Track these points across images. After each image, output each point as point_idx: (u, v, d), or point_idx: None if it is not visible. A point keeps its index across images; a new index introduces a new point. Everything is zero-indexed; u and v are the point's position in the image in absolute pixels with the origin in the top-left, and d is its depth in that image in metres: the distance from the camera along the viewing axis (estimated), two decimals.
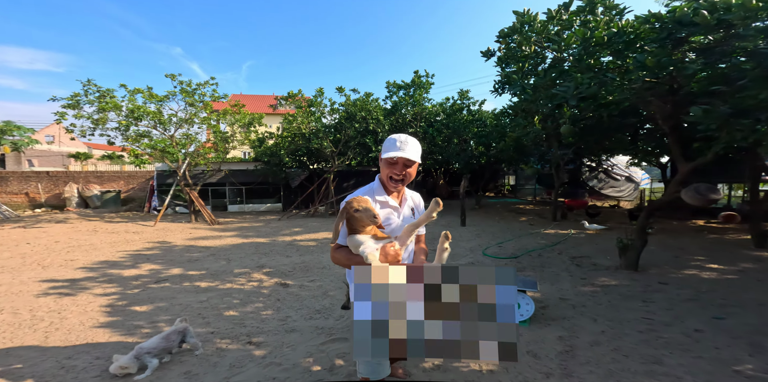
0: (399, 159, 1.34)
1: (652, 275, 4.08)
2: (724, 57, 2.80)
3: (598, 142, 6.62)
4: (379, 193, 1.42)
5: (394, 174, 1.37)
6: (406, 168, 1.36)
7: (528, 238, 6.80)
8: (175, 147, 9.41)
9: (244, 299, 3.70)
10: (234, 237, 7.63)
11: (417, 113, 11.99)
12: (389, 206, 1.42)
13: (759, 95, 2.06)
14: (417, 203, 1.59)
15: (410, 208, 1.52)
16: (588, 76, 3.13)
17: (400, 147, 1.33)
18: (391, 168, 1.37)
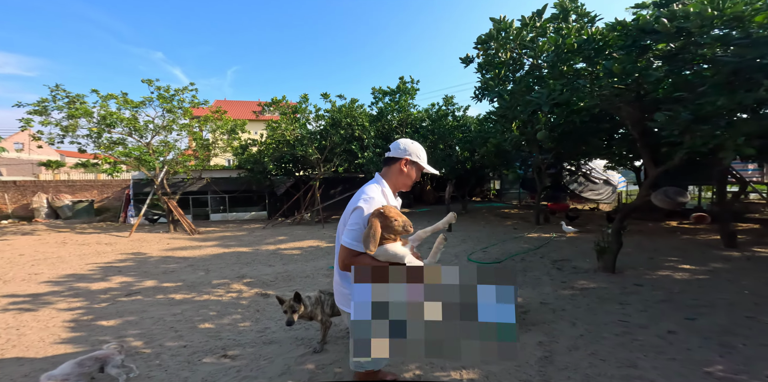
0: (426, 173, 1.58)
1: (628, 276, 4.18)
2: (687, 64, 2.95)
3: (575, 147, 6.84)
4: (390, 196, 1.47)
5: (412, 181, 1.52)
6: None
7: (512, 242, 6.88)
8: (152, 155, 9.10)
9: (222, 310, 3.55)
10: (215, 247, 7.39)
11: (403, 119, 12.10)
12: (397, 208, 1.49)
13: (717, 102, 2.17)
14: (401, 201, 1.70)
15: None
16: (561, 83, 3.23)
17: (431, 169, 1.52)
18: (415, 177, 1.52)
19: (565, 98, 3.25)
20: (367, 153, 11.02)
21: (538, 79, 3.49)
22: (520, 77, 3.32)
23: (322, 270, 5.18)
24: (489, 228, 9.01)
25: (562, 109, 3.25)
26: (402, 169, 1.48)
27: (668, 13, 2.38)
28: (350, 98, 11.57)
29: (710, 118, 2.24)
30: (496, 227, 9.17)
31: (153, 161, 8.82)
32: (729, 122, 2.19)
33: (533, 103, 3.06)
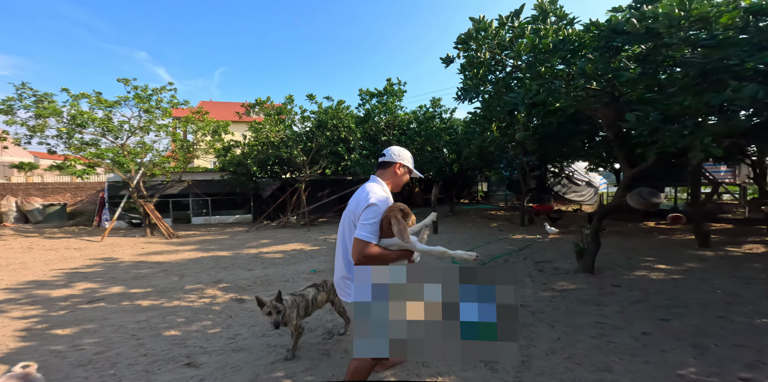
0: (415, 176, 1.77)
1: (606, 277, 4.21)
2: (658, 66, 2.99)
3: (556, 149, 6.93)
4: (390, 195, 1.64)
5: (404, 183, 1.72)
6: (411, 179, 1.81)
7: (497, 244, 6.88)
8: (127, 156, 8.74)
9: (191, 317, 3.38)
10: (193, 251, 7.12)
11: (390, 121, 12.07)
12: None
13: (684, 102, 2.20)
14: None
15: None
16: (537, 83, 3.23)
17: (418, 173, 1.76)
18: (406, 178, 1.72)
19: (541, 99, 3.25)
20: (354, 155, 10.92)
21: (518, 80, 3.49)
22: (499, 78, 3.31)
23: (303, 274, 5.04)
24: (475, 230, 9.02)
25: (539, 109, 3.25)
26: (396, 172, 1.68)
27: (638, 15, 2.40)
28: (337, 100, 11.46)
29: (678, 118, 2.27)
30: (482, 229, 9.20)
31: (127, 163, 8.47)
32: (696, 123, 2.22)
33: (510, 103, 3.05)
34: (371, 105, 11.99)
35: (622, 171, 3.76)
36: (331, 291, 2.91)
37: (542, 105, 3.24)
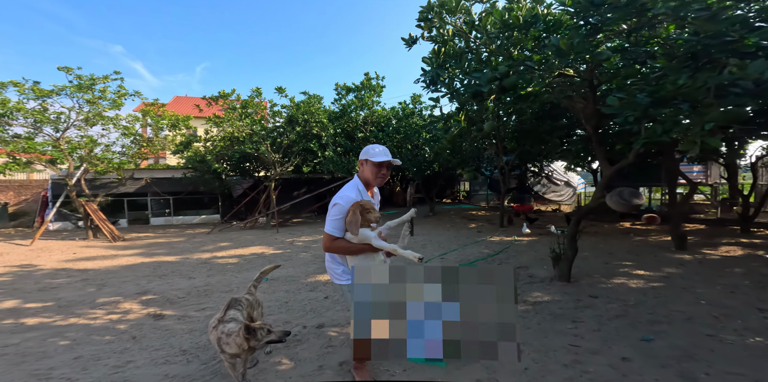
0: (386, 163, 1.71)
1: (583, 286, 3.83)
2: (639, 52, 2.59)
3: (534, 147, 6.61)
4: (364, 193, 1.76)
5: (382, 175, 1.75)
6: (388, 170, 1.76)
7: (473, 247, 6.48)
8: (64, 151, 7.76)
9: (81, 339, 2.76)
10: (134, 256, 6.34)
11: (367, 117, 11.52)
12: None
13: (678, 81, 1.80)
14: (378, 195, 1.94)
15: (378, 202, 1.88)
16: (507, 64, 2.77)
17: (386, 154, 1.71)
18: (379, 169, 1.73)
19: (511, 82, 2.80)
20: (327, 152, 10.31)
21: (485, 62, 3.04)
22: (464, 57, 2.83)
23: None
24: (453, 231, 8.62)
25: (509, 95, 2.80)
26: (361, 168, 1.79)
27: None
28: (312, 94, 10.80)
29: (670, 100, 1.87)
30: (460, 230, 8.81)
31: (61, 158, 7.50)
32: (693, 106, 1.82)
33: (474, 84, 2.59)
34: (347, 100, 11.39)
35: (602, 169, 3.39)
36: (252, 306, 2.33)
37: (512, 89, 2.79)
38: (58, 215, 11.07)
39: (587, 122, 3.42)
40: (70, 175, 7.95)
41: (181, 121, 9.67)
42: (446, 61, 2.88)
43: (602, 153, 3.41)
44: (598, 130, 3.41)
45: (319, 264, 5.29)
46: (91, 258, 6.15)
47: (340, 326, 3.00)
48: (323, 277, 4.57)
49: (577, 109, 3.44)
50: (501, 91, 2.80)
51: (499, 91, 2.78)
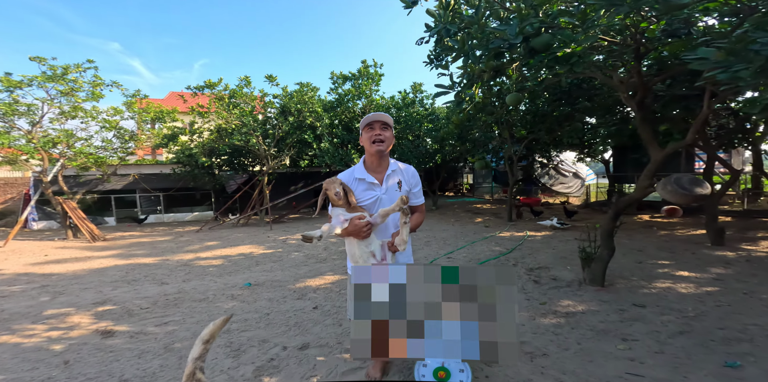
0: (375, 123, 1.57)
1: (622, 291, 3.22)
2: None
3: (549, 133, 5.94)
4: (359, 171, 1.61)
5: (374, 136, 1.55)
6: (383, 130, 1.56)
7: (481, 244, 5.87)
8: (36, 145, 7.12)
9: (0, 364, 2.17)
10: (110, 258, 5.77)
11: (365, 107, 10.82)
12: (366, 182, 1.58)
13: None
14: (408, 175, 1.66)
15: (397, 181, 1.61)
16: (538, 20, 2.12)
17: (373, 114, 1.58)
18: (371, 133, 1.56)
19: (542, 42, 2.15)
20: (323, 144, 9.65)
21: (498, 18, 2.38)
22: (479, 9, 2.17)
23: (232, 289, 3.84)
24: (458, 226, 8.01)
25: (541, 57, 2.15)
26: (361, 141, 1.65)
27: None
28: (303, 82, 10.09)
29: None
30: (466, 225, 8.19)
31: (32, 152, 6.87)
32: None
33: (497, 39, 1.95)
34: (344, 89, 10.68)
35: (651, 153, 2.76)
36: None
37: (544, 51, 2.14)
38: (41, 213, 10.52)
39: (629, 99, 2.77)
40: (44, 172, 7.34)
41: (166, 113, 9.02)
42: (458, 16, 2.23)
43: (649, 133, 2.77)
44: (643, 107, 2.77)
45: (311, 266, 4.70)
46: (61, 261, 5.58)
47: (329, 346, 2.40)
48: (314, 281, 3.98)
49: (615, 84, 2.79)
50: (530, 54, 2.15)
51: (527, 54, 2.14)
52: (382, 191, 1.57)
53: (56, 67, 7.13)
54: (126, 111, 8.52)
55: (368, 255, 1.47)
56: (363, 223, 1.44)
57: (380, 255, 1.49)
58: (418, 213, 1.67)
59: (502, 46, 2.11)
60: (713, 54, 1.47)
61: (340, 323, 2.79)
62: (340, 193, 1.44)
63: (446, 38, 2.31)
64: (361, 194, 1.57)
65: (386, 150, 1.57)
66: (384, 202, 1.56)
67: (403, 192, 1.59)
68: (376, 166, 1.60)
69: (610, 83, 3.07)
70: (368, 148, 1.57)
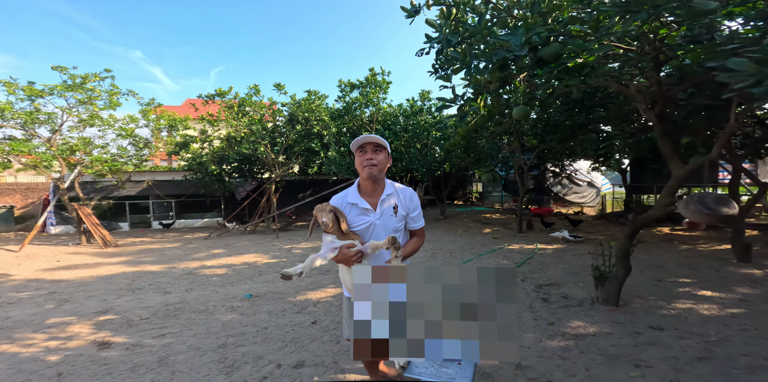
0: (366, 145, 1.45)
1: (637, 312, 3.02)
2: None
3: (562, 143, 5.76)
4: (352, 196, 1.51)
5: (365, 160, 1.44)
6: (376, 153, 1.45)
7: (489, 257, 5.69)
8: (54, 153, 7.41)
9: None
10: (118, 265, 5.86)
11: (373, 115, 10.88)
12: (359, 207, 1.49)
13: None
14: (405, 198, 1.56)
15: (393, 205, 1.52)
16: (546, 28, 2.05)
17: (364, 137, 1.44)
18: (362, 157, 1.45)
19: (551, 51, 2.07)
20: (330, 152, 9.71)
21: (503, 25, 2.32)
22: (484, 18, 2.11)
23: (233, 300, 3.81)
24: (466, 237, 7.83)
25: (550, 68, 2.06)
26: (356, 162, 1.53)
27: None
28: (311, 90, 10.23)
29: None
30: (474, 236, 8.01)
31: (49, 159, 7.14)
32: None
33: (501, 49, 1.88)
34: (352, 97, 10.78)
35: (672, 168, 2.62)
36: None
37: (553, 61, 2.05)
38: (59, 218, 10.89)
39: (648, 110, 2.64)
40: (62, 179, 7.61)
41: (179, 121, 9.29)
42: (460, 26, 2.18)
43: (669, 147, 2.63)
44: (663, 119, 2.63)
45: (313, 277, 4.64)
46: (72, 267, 5.70)
47: (324, 366, 2.32)
48: (314, 294, 3.91)
49: (632, 94, 2.68)
50: (537, 65, 2.07)
51: (534, 64, 2.06)
52: (376, 217, 1.49)
53: (76, 76, 7.47)
54: (141, 119, 8.81)
55: None
56: (352, 252, 1.37)
57: None
58: (416, 237, 1.60)
59: (508, 58, 2.04)
60: (745, 65, 1.37)
61: (338, 341, 2.70)
62: (327, 222, 1.36)
63: (448, 49, 2.26)
64: (354, 219, 1.49)
65: (380, 174, 1.47)
66: (378, 228, 1.48)
67: (399, 217, 1.51)
68: (370, 191, 1.51)
69: (627, 93, 2.95)
70: (361, 172, 1.48)
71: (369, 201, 1.50)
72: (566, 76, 2.12)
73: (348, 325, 1.57)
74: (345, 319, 1.63)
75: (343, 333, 1.67)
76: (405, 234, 1.61)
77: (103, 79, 7.66)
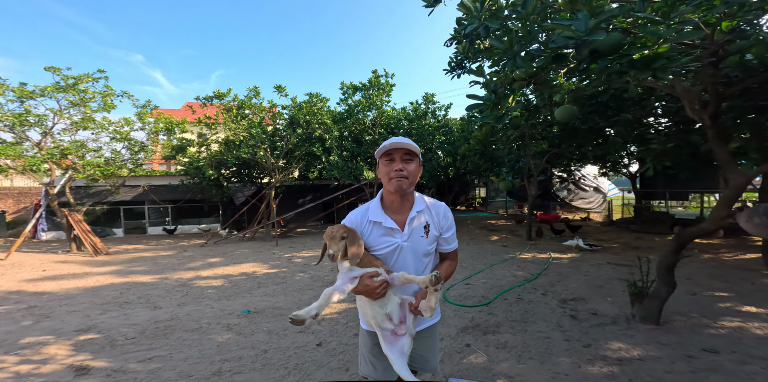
0: (395, 151, 1.18)
1: (682, 331, 2.70)
2: None
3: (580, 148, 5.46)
4: (374, 212, 1.24)
5: (393, 171, 1.17)
6: (406, 162, 1.18)
7: (502, 267, 5.37)
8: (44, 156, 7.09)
9: None
10: (108, 275, 5.50)
11: (376, 118, 10.65)
12: (384, 227, 1.21)
13: None
14: (438, 216, 1.28)
15: (424, 224, 1.24)
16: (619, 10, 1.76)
17: (393, 141, 1.17)
18: (390, 166, 1.18)
19: (611, 41, 1.75)
20: (332, 157, 9.43)
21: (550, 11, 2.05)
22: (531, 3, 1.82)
23: (230, 316, 3.48)
24: (474, 245, 7.51)
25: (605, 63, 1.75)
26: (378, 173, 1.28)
27: None
28: (312, 92, 10.01)
29: None
30: (482, 244, 7.69)
31: (38, 163, 6.82)
32: None
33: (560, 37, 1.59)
34: (354, 100, 10.56)
35: (729, 176, 2.34)
36: None
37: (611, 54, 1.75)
38: (51, 224, 10.52)
39: (700, 111, 2.37)
40: (52, 183, 7.29)
41: (176, 124, 9.02)
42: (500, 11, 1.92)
43: (727, 153, 2.35)
44: (716, 120, 2.36)
45: (316, 290, 4.30)
46: (57, 277, 5.34)
47: None
48: None
49: (680, 93, 2.41)
50: (591, 58, 1.79)
51: (587, 57, 1.78)
52: (404, 238, 1.21)
53: (69, 77, 7.22)
54: (137, 122, 8.54)
55: (383, 317, 1.14)
56: (376, 283, 1.12)
57: (398, 317, 1.15)
58: (448, 261, 1.33)
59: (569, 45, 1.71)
60: None
61: (347, 367, 2.37)
62: (336, 254, 1.10)
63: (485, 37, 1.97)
64: (376, 240, 1.22)
65: (410, 188, 1.20)
66: (405, 251, 1.21)
67: (431, 238, 1.24)
68: (397, 207, 1.24)
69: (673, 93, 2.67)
70: (386, 184, 1.21)
71: (395, 219, 1.22)
72: (631, 70, 1.81)
73: (366, 360, 1.30)
74: (362, 354, 1.35)
75: (359, 369, 1.37)
76: (435, 257, 1.32)
77: (97, 80, 7.39)
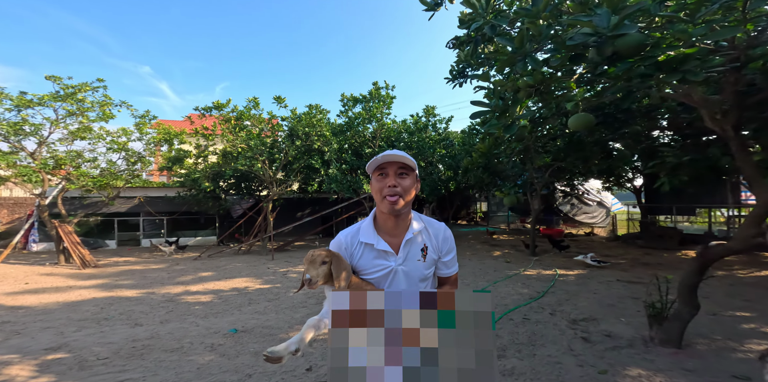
0: (388, 165, 1.06)
1: (707, 356, 2.46)
2: None
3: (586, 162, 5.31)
4: (366, 233, 1.12)
5: (386, 188, 1.04)
6: (401, 177, 1.05)
7: (506, 284, 5.11)
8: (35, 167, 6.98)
9: None
10: (92, 288, 5.24)
11: (376, 131, 10.66)
12: (376, 249, 1.10)
13: None
14: (436, 238, 1.15)
15: (422, 246, 1.12)
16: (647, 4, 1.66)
17: (386, 155, 1.05)
18: (382, 182, 1.06)
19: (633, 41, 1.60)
20: (331, 170, 9.34)
21: None
22: None
23: (215, 335, 3.22)
24: (476, 261, 7.25)
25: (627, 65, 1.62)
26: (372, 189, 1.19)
27: None
28: (312, 104, 10.05)
29: None
30: (484, 259, 7.43)
31: (29, 173, 6.70)
32: None
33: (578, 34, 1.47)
34: (354, 112, 10.60)
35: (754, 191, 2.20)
36: None
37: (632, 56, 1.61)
38: (42, 235, 10.28)
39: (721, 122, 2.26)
40: (43, 194, 7.14)
41: (174, 135, 9.01)
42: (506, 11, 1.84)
43: (753, 165, 2.21)
44: (739, 132, 2.25)
45: (310, 308, 4.05)
46: (39, 291, 5.08)
47: None
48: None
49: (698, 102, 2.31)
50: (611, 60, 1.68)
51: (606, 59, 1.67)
52: (398, 262, 1.08)
53: (68, 86, 7.25)
54: (135, 132, 8.52)
55: None
56: None
57: None
58: (447, 286, 1.19)
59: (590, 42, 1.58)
60: None
61: None
62: (315, 280, 0.97)
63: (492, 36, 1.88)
64: (368, 263, 1.09)
65: (405, 208, 1.06)
66: (399, 276, 1.08)
67: (429, 262, 1.10)
68: (391, 227, 1.11)
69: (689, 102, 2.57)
70: (379, 204, 1.08)
71: (389, 241, 1.10)
72: (657, 73, 1.69)
73: None
74: None
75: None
76: (433, 282, 1.17)
77: (96, 89, 7.42)
